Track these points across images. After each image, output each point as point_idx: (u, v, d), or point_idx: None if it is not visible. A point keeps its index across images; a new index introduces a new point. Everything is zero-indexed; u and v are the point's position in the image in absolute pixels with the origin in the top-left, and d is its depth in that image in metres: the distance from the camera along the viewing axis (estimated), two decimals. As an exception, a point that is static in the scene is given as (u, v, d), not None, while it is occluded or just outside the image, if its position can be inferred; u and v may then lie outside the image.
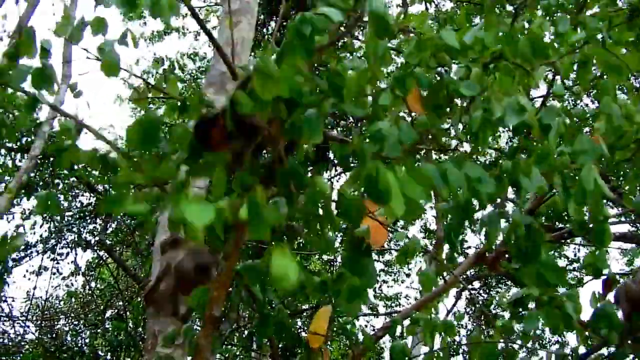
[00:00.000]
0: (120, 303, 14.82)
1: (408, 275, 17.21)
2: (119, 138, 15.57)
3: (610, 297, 4.05)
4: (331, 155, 12.86)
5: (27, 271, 14.99)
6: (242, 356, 13.35)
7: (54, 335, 14.98)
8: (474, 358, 4.07)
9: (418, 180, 2.24)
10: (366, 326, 15.76)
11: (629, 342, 3.97)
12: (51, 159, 12.40)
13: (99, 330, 14.58)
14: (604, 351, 4.12)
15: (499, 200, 2.76)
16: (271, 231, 2.32)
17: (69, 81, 11.03)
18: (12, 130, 3.40)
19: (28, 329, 15.11)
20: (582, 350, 4.10)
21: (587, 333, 3.93)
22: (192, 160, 2.72)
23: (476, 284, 15.69)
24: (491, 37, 2.70)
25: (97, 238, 13.71)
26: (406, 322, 4.38)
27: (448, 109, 2.77)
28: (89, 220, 13.94)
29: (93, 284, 15.93)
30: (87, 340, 14.85)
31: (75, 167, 11.91)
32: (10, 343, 14.77)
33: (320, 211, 2.66)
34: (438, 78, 2.76)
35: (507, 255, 5.21)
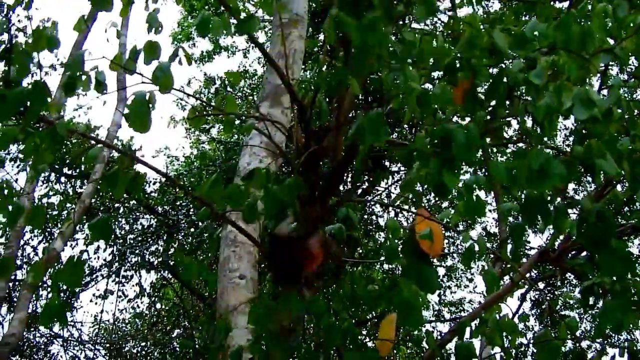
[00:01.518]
0: (187, 322, 14.93)
1: (471, 280, 17.04)
2: (175, 159, 15.76)
3: None
4: (387, 164, 12.84)
5: (93, 295, 15.17)
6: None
7: (123, 358, 15.14)
8: (542, 358, 4.01)
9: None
10: (432, 332, 15.65)
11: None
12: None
13: (167, 351, 14.71)
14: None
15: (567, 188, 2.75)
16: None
17: (124, 105, 11.15)
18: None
19: (98, 353, 15.30)
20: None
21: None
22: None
23: (540, 285, 15.47)
24: (552, 26, 2.67)
25: (160, 259, 13.83)
26: (473, 325, 4.35)
27: (508, 102, 2.75)
28: (151, 242, 14.08)
29: (158, 305, 16.07)
30: (156, 361, 15.01)
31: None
32: (81, 367, 14.99)
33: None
34: (497, 71, 2.74)
35: (570, 254, 5.13)
